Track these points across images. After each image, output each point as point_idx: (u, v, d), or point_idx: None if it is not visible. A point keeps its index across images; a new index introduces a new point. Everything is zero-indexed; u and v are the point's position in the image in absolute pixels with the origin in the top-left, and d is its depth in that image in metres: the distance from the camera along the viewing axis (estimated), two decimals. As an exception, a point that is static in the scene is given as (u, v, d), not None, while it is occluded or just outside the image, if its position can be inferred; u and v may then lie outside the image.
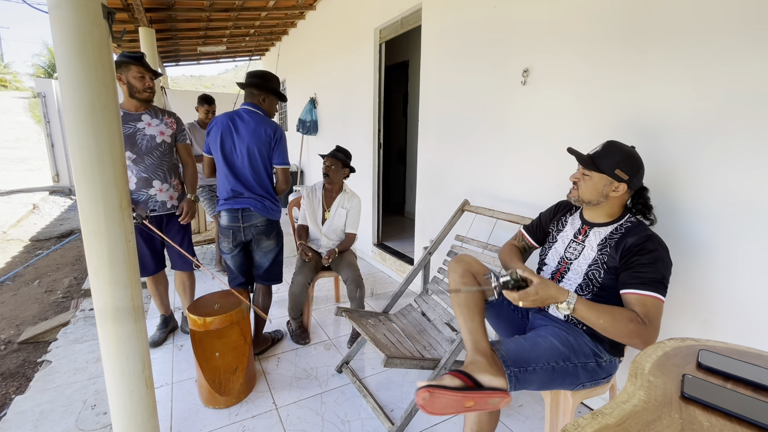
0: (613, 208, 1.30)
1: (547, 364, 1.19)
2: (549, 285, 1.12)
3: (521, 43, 2.02)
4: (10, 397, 2.05)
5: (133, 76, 1.90)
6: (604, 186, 1.26)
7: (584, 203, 1.31)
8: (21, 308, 3.28)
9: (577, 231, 1.37)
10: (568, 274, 1.34)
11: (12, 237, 5.32)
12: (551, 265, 1.41)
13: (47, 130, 8.31)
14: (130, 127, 1.93)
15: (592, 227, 1.33)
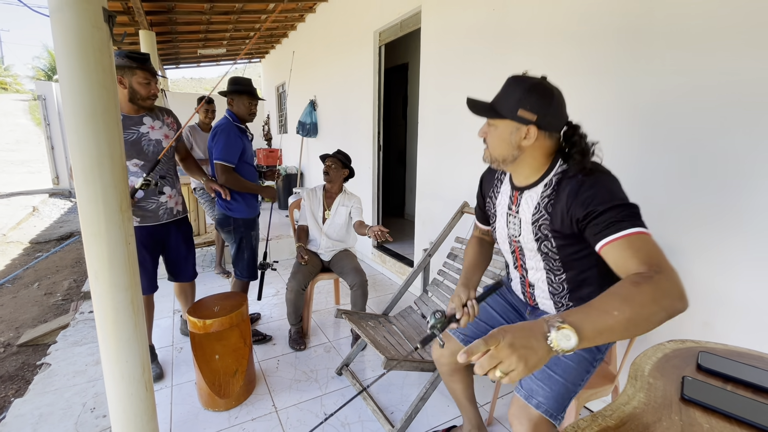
0: (537, 162, 1.04)
1: (581, 381, 1.09)
2: (510, 328, 0.69)
3: (520, 46, 2.02)
4: (9, 400, 2.04)
5: (138, 81, 1.73)
6: (511, 134, 1.01)
7: (500, 162, 1.07)
8: (20, 311, 3.28)
9: (509, 201, 1.14)
10: (526, 258, 1.14)
11: (11, 239, 5.31)
12: (506, 249, 1.21)
13: (47, 133, 8.31)
14: (132, 133, 1.78)
15: (522, 192, 1.09)
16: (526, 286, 1.22)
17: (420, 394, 1.59)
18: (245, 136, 2.21)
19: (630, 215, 0.87)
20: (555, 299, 1.15)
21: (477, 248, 1.35)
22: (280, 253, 3.98)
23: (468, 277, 1.27)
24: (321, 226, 2.45)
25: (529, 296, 1.23)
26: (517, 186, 1.12)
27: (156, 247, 1.96)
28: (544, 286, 1.16)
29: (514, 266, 1.22)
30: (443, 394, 1.91)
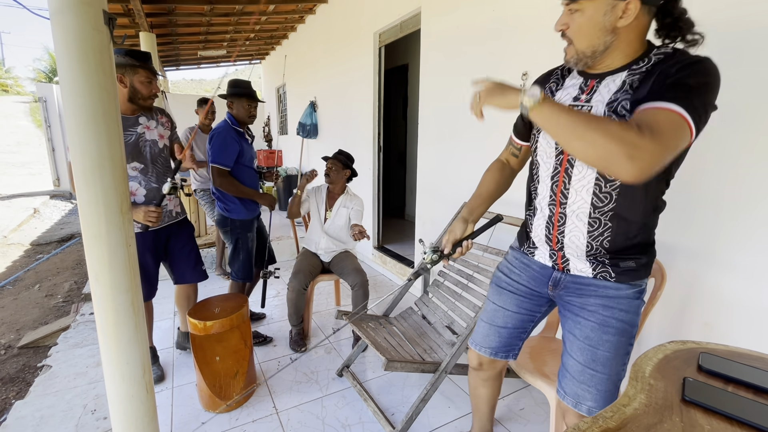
0: (631, 48, 0.88)
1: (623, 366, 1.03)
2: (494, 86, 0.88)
3: (520, 47, 2.02)
4: (11, 402, 2.04)
5: (140, 80, 1.70)
6: (605, 15, 0.84)
7: (588, 57, 0.91)
8: (21, 313, 3.28)
9: (579, 90, 0.96)
10: (573, 171, 0.96)
11: (12, 241, 5.32)
12: (547, 163, 1.03)
13: (48, 135, 8.33)
14: (131, 134, 1.74)
15: (603, 78, 0.92)
16: (554, 225, 1.03)
17: (421, 396, 1.59)
18: (244, 138, 2.21)
19: (689, 100, 0.76)
20: (590, 240, 0.97)
21: (495, 174, 1.23)
22: (280, 254, 3.98)
23: (471, 209, 1.20)
24: (322, 225, 2.46)
25: (554, 241, 1.04)
26: (595, 74, 0.94)
27: (158, 251, 1.92)
28: (583, 218, 0.97)
29: (550, 189, 1.02)
30: (444, 395, 1.91)
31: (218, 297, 1.98)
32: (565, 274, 1.07)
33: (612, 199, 0.94)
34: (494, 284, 1.27)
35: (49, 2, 1.06)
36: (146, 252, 1.85)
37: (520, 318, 1.21)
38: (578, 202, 0.98)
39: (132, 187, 1.76)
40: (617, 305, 1.00)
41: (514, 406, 1.84)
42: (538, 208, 1.08)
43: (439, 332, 1.90)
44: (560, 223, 1.02)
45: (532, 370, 1.45)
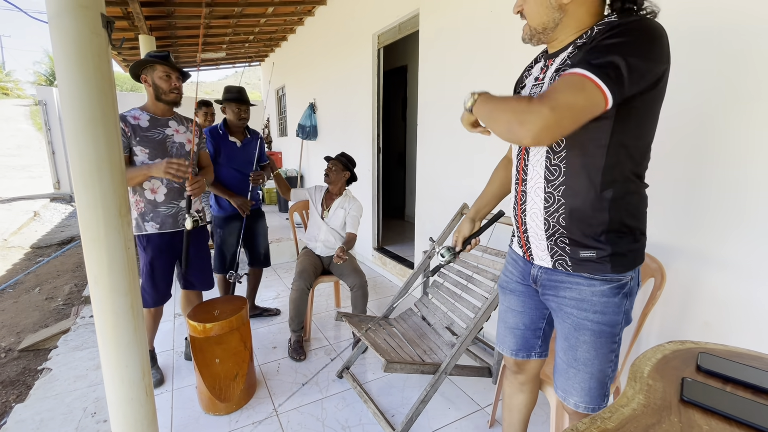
0: (581, 23, 0.92)
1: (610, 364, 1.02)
2: None
3: (518, 47, 2.02)
4: (11, 405, 2.04)
5: (158, 76, 1.75)
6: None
7: (541, 34, 0.97)
8: (21, 316, 3.28)
9: (539, 70, 1.04)
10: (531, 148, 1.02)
11: (13, 244, 5.32)
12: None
13: (48, 138, 8.35)
14: (159, 132, 1.78)
15: (556, 56, 0.97)
16: (518, 205, 1.05)
17: (421, 397, 1.59)
18: (225, 141, 2.33)
19: (597, 58, 0.78)
20: (546, 216, 0.98)
21: (500, 172, 1.30)
22: (280, 255, 3.98)
23: (478, 208, 1.31)
24: (319, 222, 2.47)
25: (520, 222, 1.06)
26: (552, 53, 0.99)
27: (174, 254, 1.90)
28: (540, 192, 0.98)
29: (516, 168, 1.06)
30: (444, 397, 1.91)
31: (218, 299, 1.98)
32: (537, 268, 1.07)
33: (561, 172, 0.95)
34: (499, 285, 1.27)
35: (48, 6, 1.06)
36: (163, 255, 1.85)
37: (529, 316, 1.18)
38: (535, 177, 1.00)
39: (154, 185, 1.79)
40: (591, 307, 0.98)
41: (514, 406, 1.84)
42: (511, 190, 1.11)
43: (439, 333, 1.90)
44: (522, 202, 1.04)
45: (532, 370, 1.44)
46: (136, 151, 1.74)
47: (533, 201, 1.01)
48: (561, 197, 0.95)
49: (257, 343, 2.40)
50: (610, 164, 0.90)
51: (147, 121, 1.76)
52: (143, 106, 1.81)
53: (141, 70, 1.77)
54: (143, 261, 1.84)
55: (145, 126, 1.75)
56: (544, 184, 0.97)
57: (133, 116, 1.75)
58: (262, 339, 2.47)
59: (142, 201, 1.79)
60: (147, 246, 1.82)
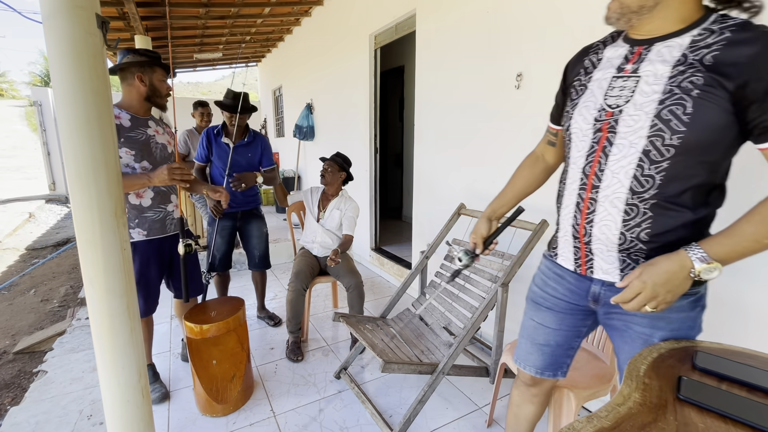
0: (686, 7, 0.78)
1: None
2: (653, 264, 0.78)
3: (514, 48, 2.03)
4: (6, 409, 2.03)
5: (158, 78, 1.72)
6: None
7: (633, 14, 0.82)
8: (16, 318, 3.26)
9: (624, 59, 0.87)
10: (614, 143, 0.85)
11: (8, 246, 5.29)
12: (581, 139, 0.91)
13: (43, 139, 8.30)
14: (141, 133, 1.70)
15: (651, 44, 0.83)
16: (582, 214, 0.92)
17: (418, 397, 1.59)
18: (219, 141, 2.36)
19: None
20: (624, 231, 0.86)
21: (524, 171, 1.19)
22: (277, 256, 3.97)
23: (495, 207, 1.21)
24: (315, 224, 2.47)
25: (581, 233, 0.93)
26: (643, 39, 0.84)
27: (163, 261, 1.84)
28: (618, 204, 0.85)
29: (582, 171, 0.91)
30: (442, 397, 1.91)
31: (215, 300, 1.97)
32: (600, 284, 0.95)
33: (654, 185, 0.81)
34: (530, 299, 1.15)
35: (42, 6, 1.06)
36: (151, 263, 1.77)
37: (564, 335, 1.08)
38: (614, 185, 0.86)
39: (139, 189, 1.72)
40: (667, 325, 0.89)
41: (512, 406, 1.84)
42: (566, 195, 0.96)
43: (437, 333, 1.90)
44: (590, 211, 0.90)
45: (530, 370, 1.45)
46: (120, 153, 1.63)
47: (606, 211, 0.87)
48: (648, 210, 0.83)
49: (254, 345, 2.39)
50: (708, 182, 0.82)
51: (128, 120, 1.67)
52: (122, 104, 1.69)
53: (138, 68, 1.67)
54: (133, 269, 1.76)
55: (127, 126, 1.66)
56: (628, 195, 0.84)
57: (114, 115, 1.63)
58: (260, 340, 2.47)
59: (126, 206, 1.69)
60: (134, 254, 1.68)
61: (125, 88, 1.70)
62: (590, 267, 0.95)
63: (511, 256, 1.76)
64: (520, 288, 2.14)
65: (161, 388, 1.92)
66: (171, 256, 1.88)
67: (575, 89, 0.96)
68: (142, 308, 1.78)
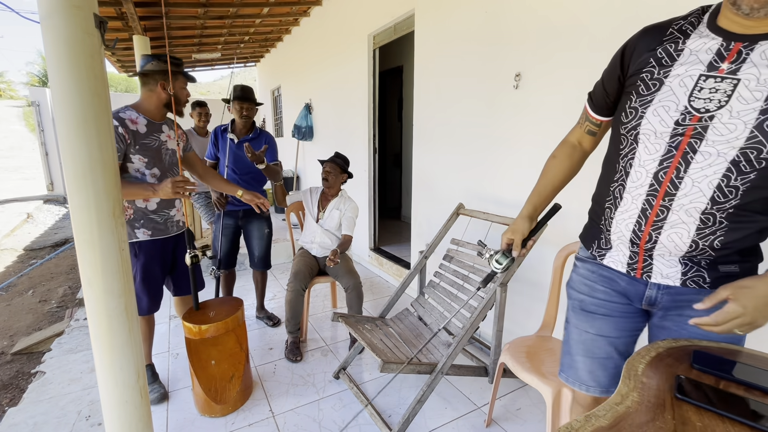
0: None
1: None
2: (750, 288, 0.73)
3: (513, 48, 2.04)
4: (4, 409, 2.02)
5: (180, 87, 1.75)
6: None
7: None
8: (14, 319, 3.25)
9: (717, 56, 0.76)
10: (705, 147, 0.77)
11: (6, 246, 5.27)
12: (654, 142, 0.83)
13: (41, 139, 8.28)
14: (154, 140, 1.72)
15: (755, 42, 0.72)
16: (648, 220, 0.85)
17: (417, 397, 1.59)
18: (225, 138, 2.37)
19: None
20: (697, 238, 0.82)
21: (564, 162, 1.08)
22: (276, 257, 3.96)
23: (536, 204, 1.10)
24: (314, 225, 2.47)
25: (644, 240, 0.87)
26: (743, 34, 0.74)
27: (166, 260, 1.87)
28: (694, 213, 0.80)
29: (654, 176, 0.83)
30: (441, 396, 1.91)
31: (213, 300, 1.97)
32: (656, 288, 0.91)
33: (737, 195, 0.77)
34: (578, 309, 1.05)
35: (39, 6, 1.05)
36: (155, 262, 1.80)
37: (624, 342, 1.01)
38: (693, 194, 0.80)
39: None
40: None
41: (510, 406, 1.85)
42: (626, 198, 0.88)
43: (436, 333, 1.90)
44: (659, 218, 0.84)
45: (529, 369, 1.45)
46: (133, 159, 1.65)
47: (680, 220, 0.82)
48: (724, 219, 0.80)
49: (253, 345, 2.39)
50: None
51: (144, 126, 1.69)
52: (140, 107, 1.71)
53: (161, 75, 1.68)
54: (135, 268, 1.77)
55: (143, 132, 1.68)
56: (708, 205, 0.80)
57: (131, 119, 1.65)
58: (259, 340, 2.46)
59: (132, 208, 1.72)
60: (139, 253, 1.76)
61: (145, 93, 1.72)
62: (647, 271, 0.90)
63: (509, 256, 1.76)
64: (518, 287, 2.14)
65: (160, 388, 1.92)
66: (174, 256, 1.91)
67: (644, 83, 0.84)
68: (145, 305, 1.82)
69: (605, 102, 0.97)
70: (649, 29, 0.87)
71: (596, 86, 1.00)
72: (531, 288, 2.08)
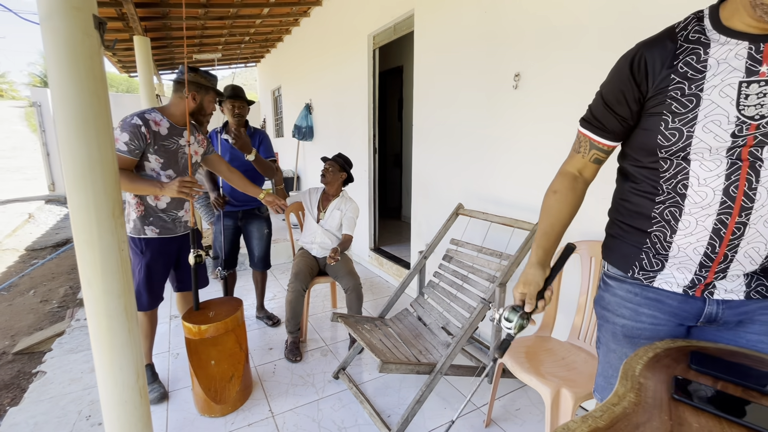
0: None
1: None
2: None
3: (512, 48, 2.04)
4: (5, 409, 2.03)
5: (209, 100, 1.85)
6: None
7: None
8: (16, 318, 3.26)
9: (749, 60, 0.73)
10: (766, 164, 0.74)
11: (7, 247, 5.29)
12: (711, 159, 0.78)
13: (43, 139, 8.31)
14: (174, 143, 1.78)
15: None
16: (723, 240, 0.80)
17: (416, 397, 1.59)
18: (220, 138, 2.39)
19: None
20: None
21: (567, 196, 0.98)
22: (276, 257, 3.97)
23: (545, 248, 0.97)
24: (315, 225, 2.47)
25: (717, 260, 0.81)
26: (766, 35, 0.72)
27: (170, 259, 1.92)
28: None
29: (724, 193, 0.78)
30: (440, 396, 1.91)
31: (213, 300, 1.97)
32: (716, 303, 0.87)
33: None
34: (620, 335, 0.97)
35: (39, 7, 1.06)
36: (159, 259, 1.84)
37: None
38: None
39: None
40: None
41: (510, 406, 1.85)
42: (688, 220, 0.82)
43: (435, 333, 1.90)
44: (735, 236, 0.79)
45: (528, 369, 1.45)
46: (150, 159, 1.70)
47: (758, 232, 0.78)
48: None
49: (253, 345, 2.40)
50: None
51: (167, 128, 1.74)
52: (166, 111, 1.78)
53: (195, 87, 1.77)
54: (139, 264, 1.81)
55: (164, 134, 1.73)
56: None
57: (155, 120, 1.70)
58: (258, 340, 2.47)
59: (143, 204, 1.76)
60: (146, 249, 1.80)
61: (175, 98, 1.80)
62: (710, 289, 0.86)
63: (508, 256, 1.76)
64: (518, 288, 2.14)
65: (159, 388, 1.93)
66: (178, 255, 1.96)
67: (677, 101, 0.79)
68: (146, 301, 1.85)
69: (621, 127, 0.90)
70: (649, 44, 0.83)
71: (599, 110, 0.92)
72: (530, 288, 2.08)
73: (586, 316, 1.63)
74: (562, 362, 1.53)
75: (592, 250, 1.62)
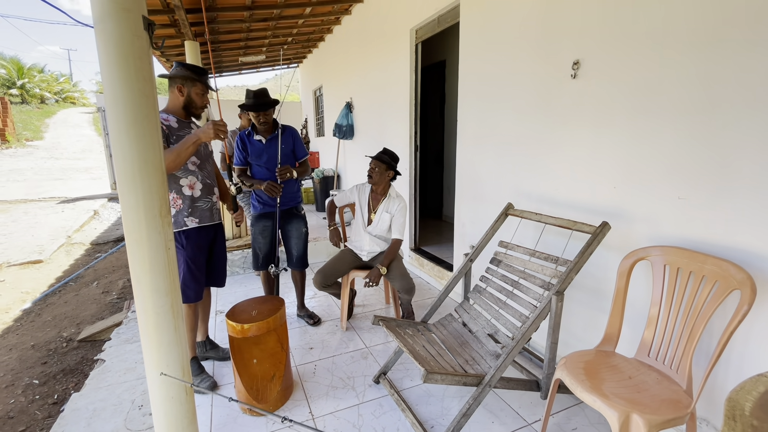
0: None
1: None
2: None
3: (571, 32, 1.86)
4: (69, 393, 2.17)
5: (196, 92, 1.87)
6: None
7: None
8: (81, 308, 3.52)
9: None
10: None
11: (76, 241, 5.77)
12: None
13: (106, 142, 8.99)
14: (187, 132, 1.87)
15: None
16: None
17: (463, 410, 1.49)
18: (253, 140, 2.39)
19: None
20: None
21: None
22: (317, 254, 4.00)
23: None
24: (366, 228, 2.43)
25: None
26: None
27: (207, 249, 2.00)
28: None
29: None
30: (487, 409, 1.80)
31: (255, 299, 1.98)
32: None
33: None
34: None
35: (93, 10, 1.08)
36: (200, 250, 1.93)
37: None
38: None
39: (191, 181, 1.89)
40: None
41: (565, 425, 1.69)
42: None
43: (482, 342, 1.78)
44: None
45: (590, 388, 1.30)
46: None
47: None
48: None
49: (293, 344, 2.40)
50: None
51: (176, 122, 1.85)
52: (168, 109, 1.87)
53: (180, 80, 1.83)
54: (183, 257, 1.89)
55: (176, 126, 1.84)
56: None
57: (163, 119, 1.80)
58: (299, 339, 2.47)
59: (180, 198, 1.86)
60: (186, 242, 1.88)
61: (170, 94, 1.89)
62: None
63: (566, 262, 1.61)
64: (575, 296, 1.97)
65: (208, 378, 2.00)
66: (210, 246, 2.03)
67: None
68: (194, 291, 1.94)
69: None
70: None
71: None
72: (590, 297, 1.90)
73: (659, 330, 1.45)
74: (630, 382, 1.36)
75: (667, 256, 1.43)
